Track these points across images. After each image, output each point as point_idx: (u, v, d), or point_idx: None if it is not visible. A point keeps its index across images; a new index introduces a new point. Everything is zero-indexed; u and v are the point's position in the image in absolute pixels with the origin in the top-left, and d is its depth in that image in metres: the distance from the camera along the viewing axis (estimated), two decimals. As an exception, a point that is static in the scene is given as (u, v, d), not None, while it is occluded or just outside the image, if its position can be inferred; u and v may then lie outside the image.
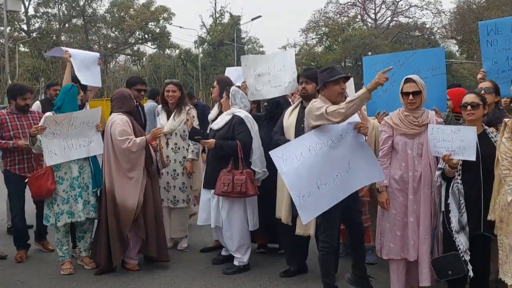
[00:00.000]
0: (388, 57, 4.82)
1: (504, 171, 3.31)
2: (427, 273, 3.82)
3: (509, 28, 4.41)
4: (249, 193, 4.62)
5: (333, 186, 3.73)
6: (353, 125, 3.78)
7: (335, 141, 3.77)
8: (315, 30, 42.64)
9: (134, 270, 4.84)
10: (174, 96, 5.46)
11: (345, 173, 3.77)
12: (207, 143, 4.72)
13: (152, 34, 36.75)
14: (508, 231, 3.32)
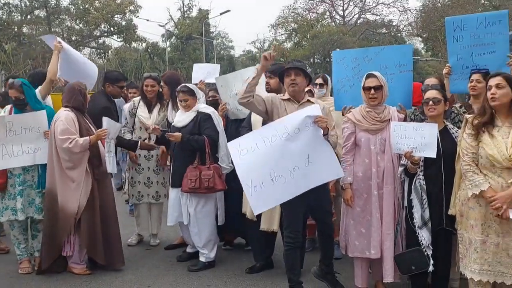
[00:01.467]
0: (356, 52, 4.85)
1: (465, 166, 3.35)
2: (390, 269, 3.85)
3: (474, 24, 4.48)
4: (217, 188, 4.57)
5: (289, 180, 3.67)
6: (313, 119, 3.70)
7: (291, 134, 3.69)
8: (284, 26, 42.68)
9: (85, 275, 4.59)
10: (152, 91, 5.40)
11: (304, 167, 3.70)
12: (174, 136, 4.61)
13: (118, 27, 35.97)
14: (468, 225, 3.37)
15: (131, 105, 5.58)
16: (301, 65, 4.04)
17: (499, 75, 3.30)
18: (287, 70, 3.95)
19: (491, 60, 4.35)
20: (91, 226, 4.49)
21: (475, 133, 3.33)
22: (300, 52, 37.84)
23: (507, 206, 3.15)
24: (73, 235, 4.50)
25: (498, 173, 3.24)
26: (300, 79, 3.93)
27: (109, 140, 4.67)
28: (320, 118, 3.69)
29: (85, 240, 4.49)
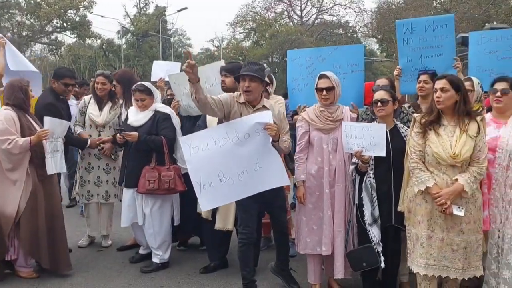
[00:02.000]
0: (310, 52, 4.92)
1: (412, 164, 3.45)
2: (341, 266, 3.91)
3: (423, 28, 4.62)
4: (177, 189, 4.52)
5: (237, 182, 3.72)
6: (263, 126, 3.70)
7: (241, 139, 3.72)
8: (242, 25, 42.74)
9: (32, 278, 4.43)
10: (103, 89, 5.28)
11: (252, 171, 3.74)
12: (130, 136, 4.50)
13: (72, 23, 34.94)
14: (415, 221, 3.46)
15: (81, 103, 5.43)
16: (257, 69, 3.89)
17: (444, 78, 3.39)
18: (241, 75, 3.88)
19: (439, 62, 4.51)
20: (33, 229, 4.30)
21: (422, 132, 3.42)
22: (259, 51, 38.00)
23: (451, 202, 3.26)
24: (15, 239, 4.32)
25: (443, 170, 3.34)
26: (255, 85, 3.85)
27: (55, 139, 4.48)
28: (269, 126, 3.69)
29: (25, 243, 4.31)
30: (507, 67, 4.29)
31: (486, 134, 3.47)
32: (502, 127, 3.56)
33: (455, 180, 3.28)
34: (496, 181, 3.48)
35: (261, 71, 3.92)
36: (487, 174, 3.50)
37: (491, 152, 3.50)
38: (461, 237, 3.34)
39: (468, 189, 3.25)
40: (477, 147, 3.30)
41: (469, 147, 3.27)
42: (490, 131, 3.58)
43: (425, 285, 3.47)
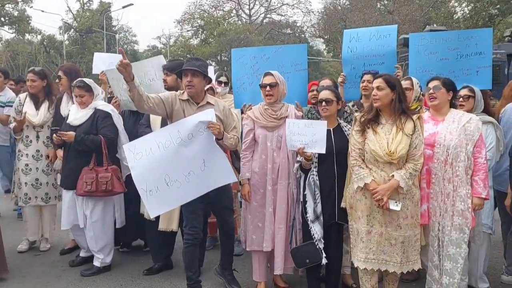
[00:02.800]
0: (255, 51, 4.90)
1: (352, 161, 3.53)
2: (280, 262, 3.95)
3: (368, 37, 4.76)
4: (115, 190, 4.39)
5: (184, 184, 3.69)
6: (206, 124, 3.68)
7: (185, 139, 3.68)
8: (190, 22, 42.36)
9: None
10: (33, 86, 5.05)
11: (199, 171, 3.71)
12: (66, 136, 4.33)
13: (10, 17, 33.42)
14: (356, 216, 3.55)
15: (17, 102, 5.18)
16: (200, 64, 3.87)
17: (380, 77, 3.50)
18: (184, 70, 3.84)
19: (381, 71, 4.63)
20: None
21: (361, 130, 3.52)
22: (207, 49, 37.79)
23: (388, 197, 3.36)
24: None
25: (381, 167, 3.44)
26: (198, 80, 3.80)
27: None
28: (212, 125, 3.66)
29: None
30: (445, 68, 4.47)
31: (424, 131, 3.60)
32: (440, 124, 3.70)
33: (392, 176, 3.39)
34: (435, 176, 3.61)
35: (204, 67, 3.90)
36: (427, 169, 3.63)
37: (430, 147, 3.63)
38: (399, 232, 3.45)
39: (403, 185, 3.37)
40: (413, 145, 3.41)
41: (405, 144, 3.38)
42: (429, 127, 3.71)
43: (366, 279, 3.56)
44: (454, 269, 3.56)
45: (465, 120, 3.62)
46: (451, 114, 3.72)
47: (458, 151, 3.55)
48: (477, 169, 3.58)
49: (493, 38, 20.24)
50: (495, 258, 4.86)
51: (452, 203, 3.54)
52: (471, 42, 4.43)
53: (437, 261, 3.64)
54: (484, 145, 3.65)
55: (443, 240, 3.59)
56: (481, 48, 4.42)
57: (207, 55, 35.84)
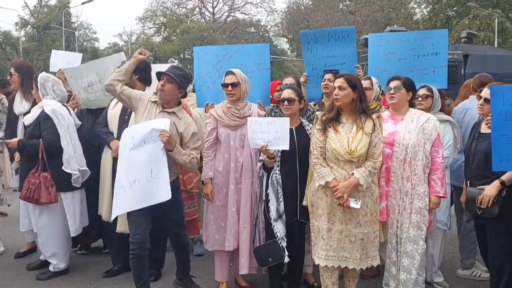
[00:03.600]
0: (217, 49, 4.85)
1: (314, 159, 3.55)
2: (245, 261, 3.94)
3: (326, 38, 4.77)
4: (41, 200, 4.10)
5: (128, 192, 3.54)
6: (158, 132, 3.56)
7: (136, 145, 3.57)
8: (152, 20, 41.76)
9: None
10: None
11: (145, 181, 3.52)
12: (10, 143, 4.24)
13: (-39, 13, 32.15)
14: (317, 214, 3.57)
15: None
16: (179, 74, 3.77)
17: (342, 77, 3.53)
18: (162, 73, 3.76)
19: (342, 70, 4.66)
20: None
21: (323, 129, 3.54)
22: (170, 47, 37.36)
23: (348, 195, 3.40)
24: None
25: (341, 165, 3.48)
26: (170, 87, 3.72)
27: None
28: (162, 132, 3.56)
29: None
30: (403, 68, 4.55)
31: (383, 130, 3.65)
32: (399, 123, 3.76)
33: (352, 174, 3.43)
34: (394, 174, 3.67)
35: (183, 77, 3.80)
36: (386, 167, 3.69)
37: (389, 146, 3.69)
38: (359, 229, 3.49)
39: (363, 183, 3.41)
40: (372, 143, 3.46)
41: (365, 143, 3.43)
42: (388, 126, 3.77)
43: (326, 276, 3.59)
44: (411, 265, 3.63)
45: (423, 120, 3.71)
46: (410, 113, 3.79)
47: (416, 150, 3.62)
48: (435, 168, 3.67)
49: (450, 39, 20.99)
50: (452, 253, 5.00)
51: (410, 201, 3.62)
52: (428, 42, 4.53)
53: (395, 257, 3.71)
54: (441, 144, 3.74)
55: (401, 237, 3.66)
56: (437, 49, 4.53)
57: (169, 53, 35.47)
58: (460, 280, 4.36)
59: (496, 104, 3.37)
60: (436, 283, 4.18)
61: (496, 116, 3.36)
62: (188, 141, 3.80)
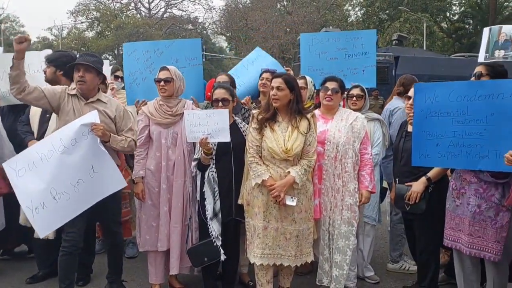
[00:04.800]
0: (148, 45, 4.76)
1: (250, 158, 3.53)
2: (176, 262, 3.86)
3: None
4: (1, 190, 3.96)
5: (73, 195, 3.42)
6: (89, 127, 3.46)
7: (68, 146, 3.42)
8: (85, 14, 40.24)
9: None
10: None
11: (89, 178, 3.45)
12: None
13: None
14: (253, 213, 3.56)
15: None
16: (94, 61, 3.66)
17: (280, 77, 3.52)
18: (76, 65, 3.62)
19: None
20: None
21: (259, 128, 3.52)
22: (103, 42, 36.16)
23: (284, 193, 3.41)
24: None
25: (277, 164, 3.48)
26: (90, 76, 3.59)
27: None
28: (95, 126, 3.45)
29: None
30: (334, 67, 4.65)
31: (316, 129, 3.69)
32: (329, 122, 3.83)
33: (288, 172, 3.44)
34: (326, 172, 3.73)
35: (98, 63, 3.69)
36: (318, 165, 3.74)
37: (321, 145, 3.74)
38: (294, 226, 3.52)
39: (298, 181, 3.44)
40: (307, 142, 3.50)
41: (300, 142, 3.45)
42: (319, 125, 3.81)
43: (262, 275, 3.59)
44: (343, 261, 3.71)
45: (352, 119, 3.81)
46: (340, 112, 3.88)
47: (346, 148, 3.70)
48: (364, 164, 3.78)
49: (383, 41, 21.86)
50: (382, 248, 5.17)
51: (342, 198, 3.69)
52: (358, 42, 4.67)
53: (328, 254, 3.77)
54: (369, 141, 3.85)
55: (333, 233, 3.73)
56: (366, 48, 4.66)
57: (103, 49, 34.35)
58: (390, 274, 4.50)
59: (419, 101, 3.51)
60: (367, 277, 4.30)
61: (418, 113, 3.51)
62: (121, 124, 3.68)
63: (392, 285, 4.26)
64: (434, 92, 3.42)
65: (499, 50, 3.23)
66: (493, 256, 3.22)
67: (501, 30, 3.23)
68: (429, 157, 3.45)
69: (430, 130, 3.43)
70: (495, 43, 3.25)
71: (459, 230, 3.39)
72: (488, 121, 3.18)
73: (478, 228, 3.27)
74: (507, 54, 3.20)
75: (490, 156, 3.16)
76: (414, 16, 28.02)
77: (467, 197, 3.34)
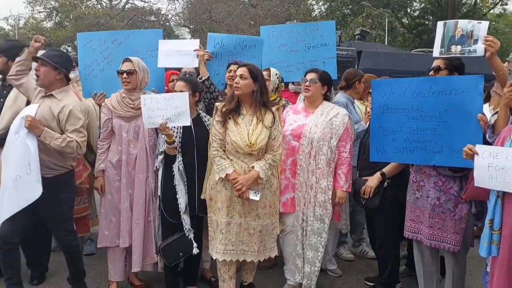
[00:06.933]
0: (105, 35, 4.57)
1: (213, 152, 3.47)
2: (138, 259, 3.77)
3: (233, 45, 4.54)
4: None
5: (13, 191, 3.25)
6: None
7: (12, 139, 3.31)
8: (43, 3, 38.86)
9: None
10: None
11: (25, 175, 3.24)
12: None
13: None
14: (216, 208, 3.50)
15: None
16: (53, 55, 3.51)
17: (245, 66, 3.47)
18: (33, 58, 3.55)
19: None
20: None
21: (223, 121, 3.46)
22: (62, 33, 35.00)
23: (247, 187, 3.36)
24: None
25: (241, 158, 3.43)
26: (45, 70, 3.46)
27: None
28: (26, 118, 3.29)
29: None
30: (295, 59, 4.61)
31: (282, 122, 3.70)
32: (309, 116, 3.79)
33: (252, 167, 3.40)
34: (300, 167, 3.70)
35: (58, 57, 3.53)
36: (293, 160, 3.72)
37: (296, 139, 3.71)
38: (257, 221, 3.49)
39: (263, 176, 3.40)
40: (272, 136, 3.46)
41: (265, 136, 3.41)
42: (299, 119, 3.79)
43: (224, 270, 3.55)
44: (315, 258, 3.70)
45: (333, 114, 3.76)
46: (322, 107, 3.83)
47: (321, 144, 3.67)
48: (341, 162, 3.74)
49: (346, 36, 22.03)
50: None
51: (315, 194, 3.67)
52: (317, 34, 4.62)
53: (300, 250, 3.75)
54: (350, 139, 3.79)
55: (306, 229, 3.71)
56: (326, 40, 4.62)
57: (62, 40, 33.28)
58: (352, 267, 4.55)
59: (376, 98, 3.56)
60: (330, 271, 4.33)
61: (376, 109, 3.55)
62: (65, 123, 3.45)
63: (354, 278, 4.30)
64: (391, 88, 3.48)
65: (455, 45, 3.27)
66: (453, 247, 3.29)
67: (457, 25, 3.26)
68: (386, 152, 3.50)
69: (387, 126, 3.48)
70: (451, 38, 3.29)
71: (419, 222, 3.45)
72: (441, 117, 3.25)
73: (438, 220, 3.33)
74: (464, 49, 3.24)
75: (443, 151, 3.24)
76: (376, 11, 28.44)
77: (426, 189, 3.38)
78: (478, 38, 3.15)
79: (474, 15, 27.81)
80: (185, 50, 4.30)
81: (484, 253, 2.67)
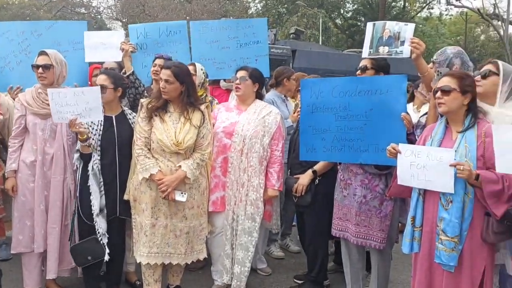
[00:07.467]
0: (24, 26, 4.36)
1: (137, 150, 3.32)
2: (53, 264, 3.57)
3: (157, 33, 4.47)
4: None
5: None
6: None
7: None
8: (-38, -10, 36.32)
9: None
10: None
11: None
12: None
13: None
14: (140, 209, 3.36)
15: None
16: None
17: (169, 69, 3.31)
18: None
19: None
20: None
21: (148, 117, 3.32)
22: (-19, 23, 33.02)
23: (173, 188, 3.24)
24: None
25: (167, 157, 3.31)
26: None
27: None
28: None
29: None
30: (227, 57, 4.55)
31: (213, 120, 3.61)
32: (242, 114, 3.73)
33: (179, 167, 3.29)
34: (232, 165, 3.63)
35: None
36: (224, 158, 3.64)
37: (229, 136, 3.64)
38: (185, 222, 3.38)
39: (190, 176, 3.30)
40: (200, 134, 3.37)
41: (193, 134, 3.31)
42: (232, 116, 3.72)
43: (149, 274, 3.42)
44: (245, 258, 3.65)
45: (266, 112, 3.73)
46: (255, 105, 3.79)
47: (253, 142, 3.62)
48: (273, 161, 3.72)
49: (281, 35, 22.28)
50: (276, 240, 5.19)
51: (246, 192, 3.62)
52: (249, 31, 4.59)
53: (229, 250, 3.68)
54: (282, 138, 3.77)
55: (236, 229, 3.64)
56: (258, 37, 4.60)
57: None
58: (282, 266, 4.55)
59: (305, 97, 3.57)
60: (260, 269, 4.30)
61: (304, 108, 3.56)
62: None
63: (283, 276, 4.29)
64: (319, 87, 3.49)
65: (383, 46, 3.33)
66: (378, 244, 3.35)
67: (385, 27, 3.32)
68: (316, 151, 3.51)
69: (316, 125, 3.49)
70: (379, 39, 3.34)
71: (346, 220, 3.48)
72: (367, 116, 3.30)
73: (364, 218, 3.37)
74: (391, 50, 3.30)
75: (370, 150, 3.29)
76: (311, 11, 29.01)
77: (353, 187, 3.42)
78: (405, 39, 3.20)
79: (403, 18, 29.03)
80: (109, 43, 4.13)
81: (407, 250, 2.74)
